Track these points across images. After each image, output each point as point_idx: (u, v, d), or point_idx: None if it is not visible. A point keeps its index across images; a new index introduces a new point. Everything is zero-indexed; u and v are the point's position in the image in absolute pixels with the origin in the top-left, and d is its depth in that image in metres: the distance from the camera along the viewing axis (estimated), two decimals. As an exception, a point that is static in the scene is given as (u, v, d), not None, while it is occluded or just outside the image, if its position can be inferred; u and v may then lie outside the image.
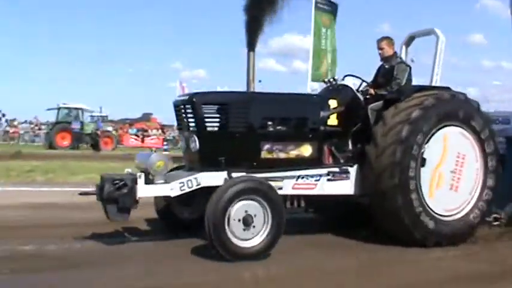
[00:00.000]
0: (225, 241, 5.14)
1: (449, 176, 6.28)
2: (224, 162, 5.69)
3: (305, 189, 6.16)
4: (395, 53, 7.01)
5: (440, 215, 6.21)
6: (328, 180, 6.21)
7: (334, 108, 6.42)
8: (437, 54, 7.09)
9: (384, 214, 6.10)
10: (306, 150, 6.20)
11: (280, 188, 5.94)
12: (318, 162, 6.23)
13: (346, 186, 6.29)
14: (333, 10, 12.04)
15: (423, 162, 6.08)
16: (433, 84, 7.08)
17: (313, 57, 11.26)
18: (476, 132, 6.42)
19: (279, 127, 6.08)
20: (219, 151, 5.76)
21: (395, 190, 5.92)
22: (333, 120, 6.39)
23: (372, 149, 6.11)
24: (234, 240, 5.19)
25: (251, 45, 8.20)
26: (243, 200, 5.23)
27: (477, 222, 6.45)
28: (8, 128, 37.33)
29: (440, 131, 6.24)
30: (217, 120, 5.90)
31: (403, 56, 7.63)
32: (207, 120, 5.83)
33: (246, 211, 5.24)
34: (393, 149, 5.94)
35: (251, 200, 5.27)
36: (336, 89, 6.67)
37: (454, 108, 6.32)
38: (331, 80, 6.69)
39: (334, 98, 6.47)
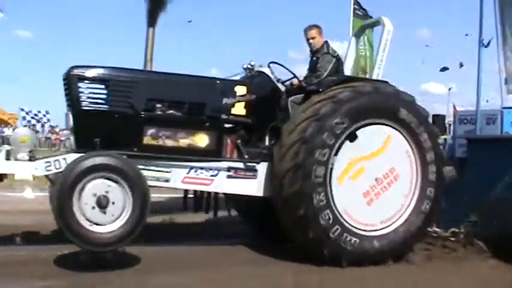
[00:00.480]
0: (72, 224, 4.50)
1: (374, 184, 5.32)
2: (99, 144, 5.04)
3: (198, 185, 5.43)
4: (325, 42, 6.18)
5: (360, 229, 5.27)
6: (229, 176, 5.45)
7: (241, 96, 5.65)
8: (381, 44, 6.17)
9: (287, 223, 5.28)
10: (201, 140, 5.46)
11: (167, 180, 5.29)
12: (216, 155, 5.48)
13: (252, 186, 5.49)
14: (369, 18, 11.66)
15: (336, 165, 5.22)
16: (375, 77, 6.15)
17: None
18: (413, 133, 5.44)
19: (168, 111, 5.37)
20: (95, 132, 5.09)
21: (297, 197, 5.06)
22: (239, 109, 5.60)
23: (277, 148, 5.33)
24: (84, 223, 4.54)
25: (151, 21, 7.56)
26: (98, 178, 4.61)
27: (413, 238, 5.47)
28: (49, 135, 38.17)
29: (364, 129, 5.32)
30: (95, 98, 5.25)
31: (352, 47, 6.78)
32: (82, 97, 5.19)
33: (101, 191, 4.60)
34: (296, 149, 5.10)
35: (108, 179, 4.63)
36: (251, 76, 5.89)
37: (376, 103, 5.36)
38: (249, 65, 5.90)
39: (244, 85, 5.70)
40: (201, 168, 5.37)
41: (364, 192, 5.31)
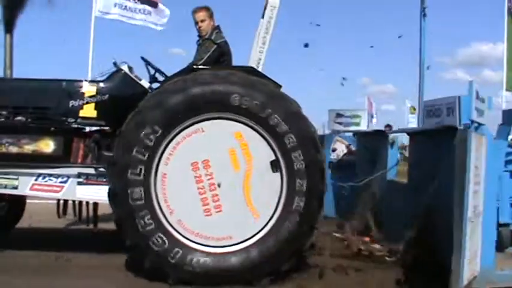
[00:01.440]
0: None
1: (213, 189, 4.71)
2: None
3: (48, 192, 5.31)
4: (215, 27, 5.58)
5: (195, 242, 4.72)
6: (80, 183, 5.26)
7: (90, 97, 5.37)
8: (263, 24, 5.42)
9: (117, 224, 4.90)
10: (47, 145, 5.30)
11: (15, 187, 5.27)
12: (64, 160, 5.30)
13: (104, 193, 4.99)
14: None
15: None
16: (254, 64, 5.44)
17: (507, 66, 10.07)
18: (275, 134, 4.69)
19: (10, 117, 5.32)
20: None
21: (114, 199, 4.72)
22: (88, 112, 5.35)
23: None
24: None
25: (8, 27, 7.29)
26: None
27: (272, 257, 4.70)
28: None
29: (202, 124, 4.73)
30: None
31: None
32: None
33: None
34: (118, 147, 4.74)
35: None
36: (108, 75, 5.55)
37: (217, 94, 4.66)
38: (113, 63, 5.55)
39: (93, 85, 5.41)
40: (50, 175, 5.25)
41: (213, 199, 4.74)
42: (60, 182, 5.26)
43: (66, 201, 5.60)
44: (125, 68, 5.45)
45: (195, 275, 4.61)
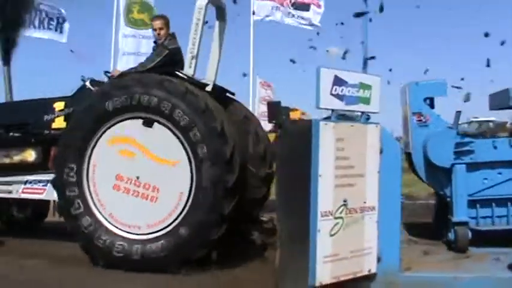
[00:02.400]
0: None
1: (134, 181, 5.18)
2: None
3: (34, 194, 6.17)
4: (169, 35, 6.00)
5: (112, 224, 5.25)
6: None
7: (60, 111, 6.10)
8: (192, 25, 5.63)
9: None
10: (30, 155, 6.18)
11: (10, 192, 6.22)
12: (44, 167, 6.09)
13: None
14: None
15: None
16: (186, 68, 5.66)
17: None
18: (182, 130, 5.07)
19: (2, 134, 6.27)
20: None
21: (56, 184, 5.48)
22: (59, 123, 6.10)
23: None
24: None
25: (6, 60, 7.78)
26: None
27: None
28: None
29: (124, 123, 5.26)
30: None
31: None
32: None
33: None
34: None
35: None
36: (77, 90, 6.21)
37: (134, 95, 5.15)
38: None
39: (62, 100, 6.13)
40: (34, 180, 6.10)
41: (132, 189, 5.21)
42: (43, 185, 6.06)
43: None
44: (87, 83, 6.06)
45: (86, 240, 5.24)
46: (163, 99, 5.06)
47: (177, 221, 5.07)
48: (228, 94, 6.25)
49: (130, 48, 12.78)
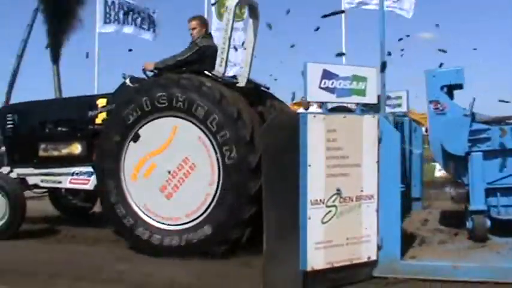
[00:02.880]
0: None
1: (164, 175, 5.47)
2: (17, 159, 6.96)
3: (81, 184, 6.68)
4: (207, 34, 6.34)
5: (164, 224, 5.52)
6: None
7: (102, 107, 6.53)
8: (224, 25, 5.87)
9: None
10: (76, 148, 6.66)
11: (60, 182, 6.79)
12: (88, 159, 6.56)
13: None
14: None
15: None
16: (217, 66, 5.81)
17: None
18: (212, 133, 5.29)
19: (52, 129, 6.82)
20: (13, 150, 7.05)
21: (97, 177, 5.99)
22: (102, 119, 6.52)
23: None
24: None
25: (55, 59, 7.86)
26: None
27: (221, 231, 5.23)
28: None
29: (146, 126, 5.59)
30: (12, 126, 7.10)
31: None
32: (6, 126, 7.13)
33: None
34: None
35: None
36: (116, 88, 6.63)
37: (172, 96, 5.41)
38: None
39: (104, 97, 6.56)
40: (80, 171, 6.62)
41: (160, 187, 5.53)
42: (88, 176, 6.55)
43: None
44: (127, 80, 6.46)
45: (121, 226, 5.60)
46: (199, 104, 5.30)
47: (211, 206, 5.31)
48: (263, 89, 6.42)
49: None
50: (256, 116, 5.66)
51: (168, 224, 5.52)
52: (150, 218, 5.58)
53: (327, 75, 4.03)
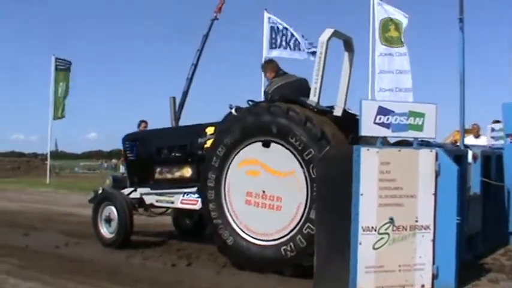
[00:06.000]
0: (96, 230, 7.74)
1: (261, 195, 5.97)
2: (137, 181, 8.08)
3: (190, 204, 7.51)
4: (272, 79, 6.88)
5: (246, 234, 6.09)
6: None
7: (211, 135, 7.31)
8: (316, 58, 6.32)
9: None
10: (187, 171, 7.52)
11: (172, 202, 7.72)
12: (198, 181, 7.37)
13: None
14: None
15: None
16: (311, 96, 6.28)
17: None
18: (299, 152, 5.70)
19: (167, 154, 7.78)
20: (134, 173, 8.17)
21: (201, 198, 6.65)
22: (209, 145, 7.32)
23: None
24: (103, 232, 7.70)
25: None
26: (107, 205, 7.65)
27: (288, 258, 5.60)
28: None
29: (257, 145, 6.08)
30: (132, 152, 8.23)
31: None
32: (127, 152, 8.30)
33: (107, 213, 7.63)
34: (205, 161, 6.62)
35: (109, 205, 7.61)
36: (224, 117, 7.36)
37: (263, 122, 5.97)
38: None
39: (213, 125, 7.33)
40: (190, 192, 7.47)
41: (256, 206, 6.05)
42: (197, 197, 7.32)
43: None
44: (233, 110, 7.20)
45: (224, 244, 6.15)
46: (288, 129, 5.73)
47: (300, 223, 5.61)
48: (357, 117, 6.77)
49: (385, 67, 14.69)
50: (344, 137, 5.90)
51: (265, 240, 5.96)
52: (249, 236, 6.10)
53: (382, 111, 4.39)
